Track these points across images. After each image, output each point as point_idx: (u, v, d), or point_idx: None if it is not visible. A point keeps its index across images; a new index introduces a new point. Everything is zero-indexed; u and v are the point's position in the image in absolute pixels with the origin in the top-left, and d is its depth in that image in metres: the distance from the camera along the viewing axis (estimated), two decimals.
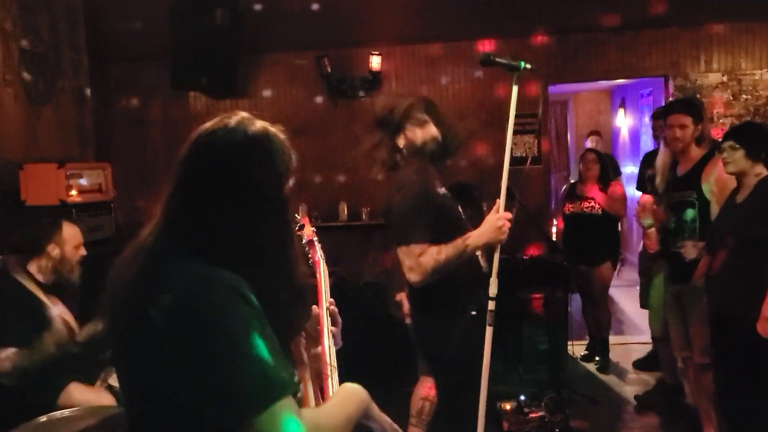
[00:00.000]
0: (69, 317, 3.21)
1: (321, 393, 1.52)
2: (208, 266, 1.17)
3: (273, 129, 1.34)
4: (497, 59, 2.59)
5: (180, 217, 1.25)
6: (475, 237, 2.56)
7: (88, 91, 5.44)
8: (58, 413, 2.73)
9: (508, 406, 4.21)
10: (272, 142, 1.31)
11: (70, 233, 3.30)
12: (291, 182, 1.33)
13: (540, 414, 4.11)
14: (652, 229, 4.17)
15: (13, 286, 3.16)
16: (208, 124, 1.31)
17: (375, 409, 1.43)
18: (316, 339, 1.62)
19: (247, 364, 1.09)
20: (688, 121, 3.67)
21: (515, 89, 2.61)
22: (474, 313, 2.63)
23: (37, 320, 3.09)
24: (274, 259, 1.26)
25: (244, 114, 1.33)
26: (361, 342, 5.16)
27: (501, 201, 2.59)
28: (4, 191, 4.22)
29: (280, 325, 1.21)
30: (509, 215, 2.56)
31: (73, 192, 4.30)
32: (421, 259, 2.52)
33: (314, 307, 1.67)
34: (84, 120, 5.39)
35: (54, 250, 3.22)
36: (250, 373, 1.08)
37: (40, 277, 3.21)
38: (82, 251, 3.34)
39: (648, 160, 4.74)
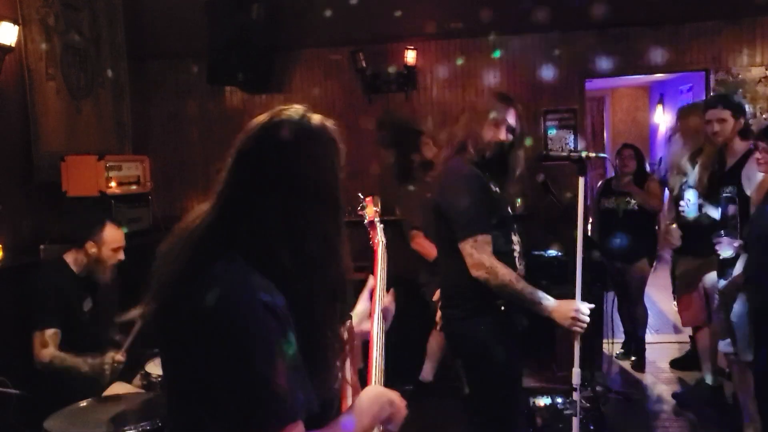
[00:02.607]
0: (120, 357, 3.13)
1: (365, 374, 1.51)
2: (248, 271, 1.16)
3: (330, 124, 1.32)
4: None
5: (231, 207, 1.22)
6: (549, 306, 2.53)
7: (127, 87, 5.54)
8: (96, 399, 2.80)
9: (542, 403, 4.17)
10: (330, 137, 1.30)
11: (112, 236, 3.33)
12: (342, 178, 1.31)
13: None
14: (674, 225, 4.13)
15: (52, 273, 3.25)
16: (265, 115, 1.29)
17: (397, 416, 1.40)
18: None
19: (260, 387, 1.09)
20: (726, 114, 3.64)
21: (582, 181, 2.64)
22: (503, 308, 2.61)
23: (71, 308, 3.18)
24: (320, 255, 1.23)
25: (301, 107, 1.31)
26: (392, 338, 5.16)
27: (578, 292, 2.58)
28: (46, 182, 4.32)
29: (316, 323, 1.21)
30: (587, 311, 2.51)
31: (113, 184, 4.37)
32: (500, 268, 2.51)
33: (370, 277, 1.68)
34: (122, 114, 5.49)
35: (92, 248, 3.27)
36: (261, 396, 1.09)
37: (74, 269, 3.29)
38: (121, 255, 3.36)
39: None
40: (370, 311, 1.63)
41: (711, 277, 3.94)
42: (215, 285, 1.13)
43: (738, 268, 3.41)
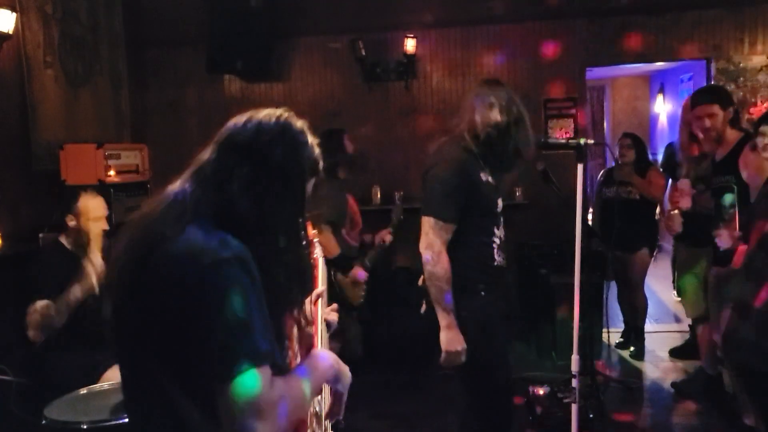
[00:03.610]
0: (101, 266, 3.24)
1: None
2: (222, 233, 1.27)
3: (309, 132, 1.48)
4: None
5: (210, 183, 1.35)
6: (448, 324, 2.58)
7: (125, 75, 5.51)
8: (96, 386, 2.80)
9: (541, 392, 4.18)
10: (306, 140, 1.45)
11: (87, 205, 3.35)
12: (311, 183, 1.46)
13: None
14: (676, 212, 4.11)
15: (48, 254, 3.30)
16: (250, 113, 1.44)
17: (344, 376, 1.55)
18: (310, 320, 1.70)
19: (239, 328, 1.17)
20: (715, 108, 3.65)
21: (580, 168, 2.68)
22: (483, 293, 2.66)
23: (66, 285, 3.18)
24: (281, 237, 1.36)
25: (288, 112, 1.46)
26: (393, 327, 5.19)
27: (576, 280, 2.66)
28: (45, 171, 4.31)
29: (277, 298, 1.30)
30: (461, 360, 2.58)
31: (111, 172, 4.36)
32: (444, 261, 2.56)
33: (317, 291, 1.78)
34: (120, 103, 5.47)
35: (71, 221, 3.31)
36: (239, 336, 1.17)
37: (68, 247, 3.33)
38: (103, 224, 3.37)
39: (673, 148, 4.71)
40: (313, 315, 1.73)
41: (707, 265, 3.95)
42: (199, 238, 1.24)
43: None
